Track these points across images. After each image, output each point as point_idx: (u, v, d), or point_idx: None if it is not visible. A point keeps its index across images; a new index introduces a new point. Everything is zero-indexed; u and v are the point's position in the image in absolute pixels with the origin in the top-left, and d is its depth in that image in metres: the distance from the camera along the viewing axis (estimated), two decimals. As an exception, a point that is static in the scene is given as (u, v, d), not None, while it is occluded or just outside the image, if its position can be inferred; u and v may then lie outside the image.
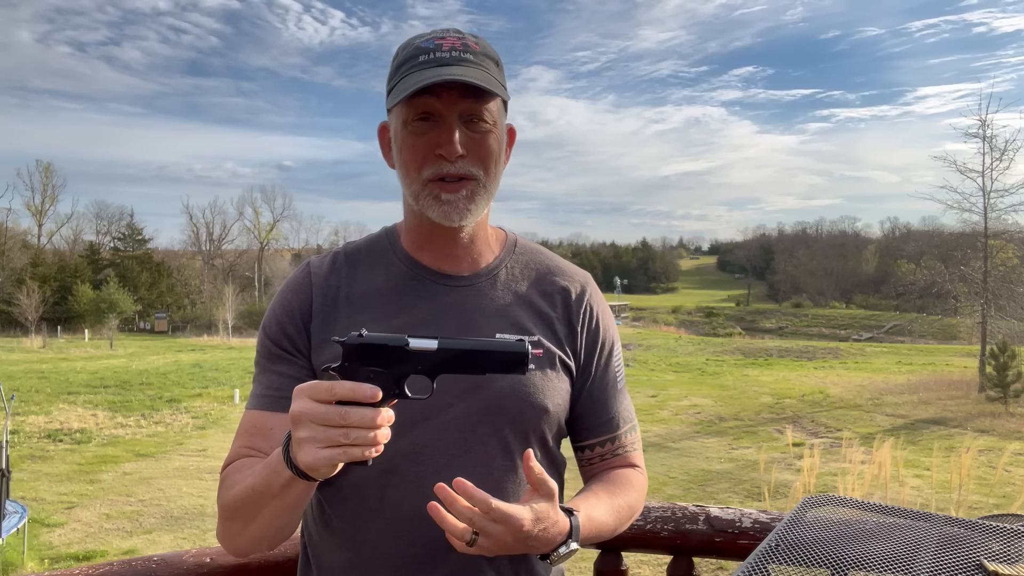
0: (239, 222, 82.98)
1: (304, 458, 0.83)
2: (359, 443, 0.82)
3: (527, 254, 1.23)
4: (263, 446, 1.05)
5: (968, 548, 1.00)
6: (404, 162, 1.07)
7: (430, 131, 1.05)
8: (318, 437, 0.82)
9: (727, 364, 29.27)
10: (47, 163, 75.39)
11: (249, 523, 0.98)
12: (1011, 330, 21.29)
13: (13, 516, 7.61)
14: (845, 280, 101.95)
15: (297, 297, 1.14)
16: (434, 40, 1.06)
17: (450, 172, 1.05)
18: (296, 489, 0.90)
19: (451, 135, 1.03)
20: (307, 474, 0.86)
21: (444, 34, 1.07)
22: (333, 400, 0.82)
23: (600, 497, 1.11)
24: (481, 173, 1.07)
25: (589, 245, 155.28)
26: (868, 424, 15.69)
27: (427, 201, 1.07)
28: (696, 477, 11.24)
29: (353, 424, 0.81)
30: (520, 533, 0.91)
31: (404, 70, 1.05)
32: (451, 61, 1.03)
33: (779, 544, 1.02)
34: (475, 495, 0.88)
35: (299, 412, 0.83)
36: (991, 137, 21.56)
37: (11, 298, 48.86)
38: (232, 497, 0.99)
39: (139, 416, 16.03)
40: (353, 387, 0.82)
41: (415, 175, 1.06)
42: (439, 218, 1.07)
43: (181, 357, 30.79)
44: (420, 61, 1.04)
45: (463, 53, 1.05)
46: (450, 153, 1.03)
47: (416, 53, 1.05)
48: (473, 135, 1.05)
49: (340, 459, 0.83)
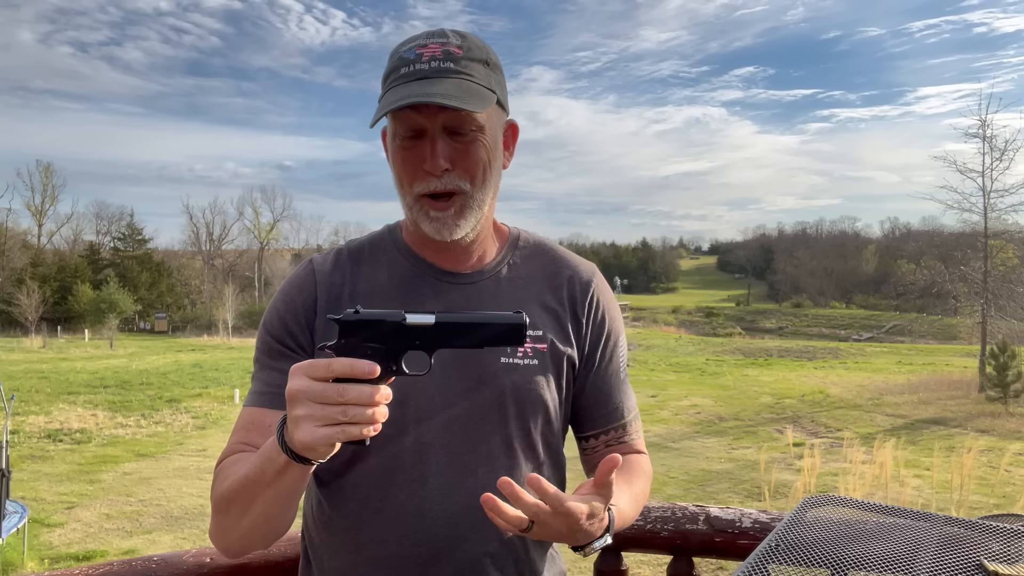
0: (239, 222, 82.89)
1: (301, 436, 0.81)
2: (357, 421, 0.80)
3: (531, 248, 1.22)
4: (260, 442, 1.02)
5: (968, 548, 1.00)
6: (397, 176, 1.08)
7: (416, 146, 1.04)
8: (315, 415, 0.80)
9: (727, 364, 29.25)
10: (47, 163, 75.46)
11: (242, 516, 0.96)
12: (1011, 330, 21.28)
13: (13, 516, 7.59)
14: (845, 280, 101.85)
15: (301, 294, 1.13)
16: (415, 49, 1.04)
17: (437, 189, 1.04)
18: (292, 475, 0.89)
19: (433, 150, 1.03)
20: (303, 456, 0.84)
21: (427, 41, 1.05)
22: (330, 377, 0.81)
23: (622, 488, 1.10)
24: (468, 186, 1.06)
25: (589, 245, 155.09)
26: (868, 424, 15.68)
27: (419, 216, 1.07)
28: (696, 477, 11.24)
29: (351, 401, 0.80)
30: (575, 526, 0.92)
31: (389, 82, 1.04)
32: (429, 74, 1.01)
33: (779, 544, 1.02)
34: (549, 491, 0.88)
35: (296, 390, 0.82)
36: (991, 137, 21.61)
37: (11, 298, 48.84)
38: (226, 488, 0.98)
39: (139, 416, 16.02)
40: (351, 363, 0.81)
41: (407, 189, 1.06)
42: (432, 233, 1.07)
43: (181, 357, 30.77)
44: (402, 74, 1.02)
45: (443, 62, 1.02)
46: (434, 168, 1.03)
47: (398, 65, 1.04)
48: (458, 146, 1.04)
49: (338, 438, 0.81)
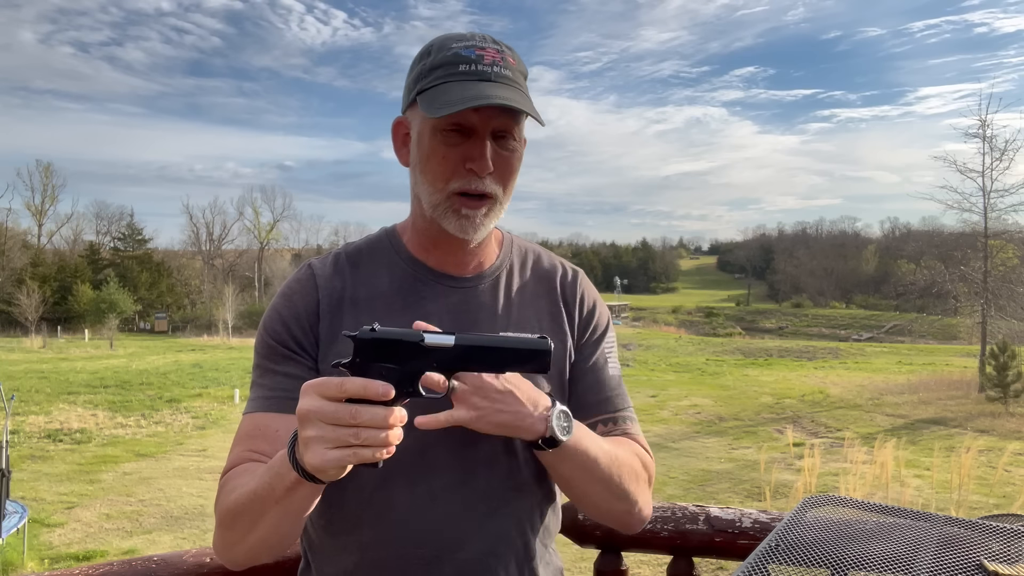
0: (239, 222, 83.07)
1: (311, 459, 0.79)
2: (369, 443, 0.78)
3: (523, 251, 1.24)
4: (267, 450, 1.00)
5: (968, 548, 1.00)
6: (431, 170, 1.05)
7: (462, 143, 1.02)
8: (327, 436, 0.78)
9: (727, 364, 29.26)
10: (47, 163, 75.50)
11: (249, 531, 0.94)
12: (1011, 330, 21.29)
13: (13, 516, 7.59)
14: (845, 280, 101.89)
15: (303, 299, 1.12)
16: (475, 50, 1.02)
17: (477, 188, 1.04)
18: (302, 492, 0.87)
19: (483, 151, 1.02)
20: (314, 476, 0.83)
21: (484, 44, 1.04)
22: (343, 397, 0.79)
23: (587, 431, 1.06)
24: (501, 192, 1.06)
25: (589, 245, 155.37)
26: (868, 424, 15.68)
27: (446, 213, 1.06)
28: (696, 477, 11.23)
29: (364, 423, 0.78)
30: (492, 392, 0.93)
31: (441, 75, 1.02)
32: (494, 78, 1.01)
33: (779, 544, 1.02)
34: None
35: (307, 410, 0.79)
36: (991, 137, 21.63)
37: (11, 298, 48.82)
38: (232, 503, 0.95)
39: (139, 416, 16.02)
40: (364, 384, 0.79)
41: (441, 185, 1.04)
42: (455, 231, 1.06)
43: (181, 357, 30.76)
44: (461, 71, 1.01)
45: (503, 69, 1.02)
46: (482, 169, 1.02)
47: (456, 60, 1.02)
48: (502, 153, 1.04)
49: (350, 461, 0.79)
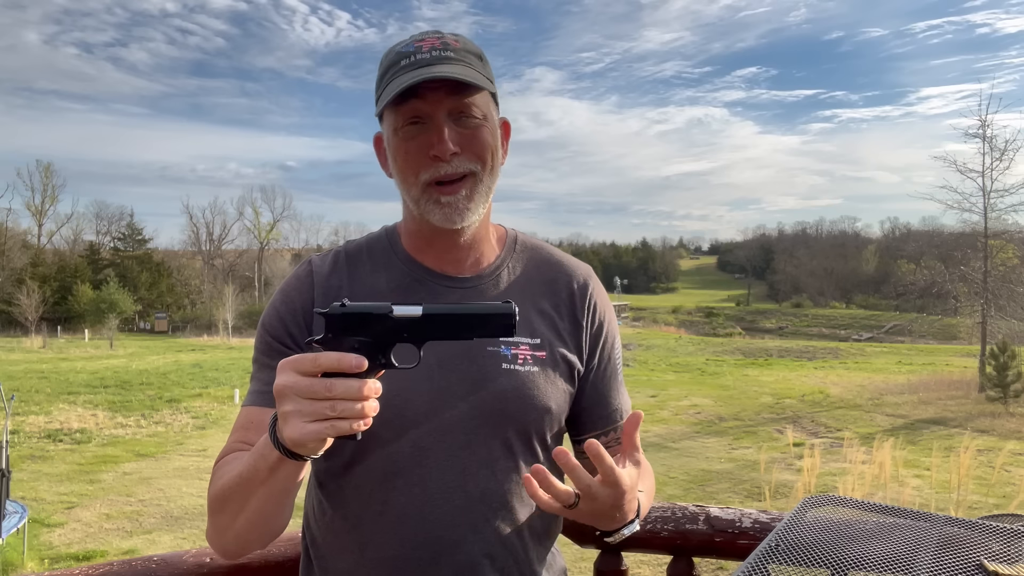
0: (239, 222, 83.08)
1: (290, 433, 0.81)
2: (346, 415, 0.80)
3: (528, 251, 1.22)
4: (257, 441, 1.04)
5: (968, 548, 1.00)
6: (400, 169, 1.07)
7: (420, 134, 1.04)
8: (304, 411, 0.80)
9: (727, 364, 29.24)
10: (47, 163, 75.61)
11: (237, 514, 0.96)
12: (1011, 330, 21.27)
13: (13, 516, 7.59)
14: (845, 280, 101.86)
15: (300, 296, 1.13)
16: (413, 43, 1.06)
17: (447, 173, 1.04)
18: (285, 471, 0.89)
19: (441, 134, 1.03)
20: (295, 452, 0.84)
21: (423, 36, 1.08)
22: (318, 372, 0.80)
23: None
24: (479, 167, 1.06)
25: (589, 245, 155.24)
26: (868, 424, 15.67)
27: (428, 206, 1.06)
28: (696, 477, 11.23)
29: (339, 396, 0.79)
30: (619, 501, 0.92)
31: (388, 77, 1.05)
32: (432, 61, 1.03)
33: (779, 544, 1.02)
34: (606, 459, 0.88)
35: (284, 385, 0.81)
36: (991, 137, 21.62)
37: (11, 298, 48.82)
38: (220, 487, 0.98)
39: (139, 416, 16.02)
40: (338, 357, 0.80)
41: (413, 180, 1.06)
42: (440, 222, 1.07)
43: (181, 357, 30.75)
44: (402, 66, 1.04)
45: (443, 52, 1.04)
46: (443, 152, 1.03)
47: (397, 59, 1.05)
48: (464, 131, 1.05)
49: (328, 433, 0.80)
